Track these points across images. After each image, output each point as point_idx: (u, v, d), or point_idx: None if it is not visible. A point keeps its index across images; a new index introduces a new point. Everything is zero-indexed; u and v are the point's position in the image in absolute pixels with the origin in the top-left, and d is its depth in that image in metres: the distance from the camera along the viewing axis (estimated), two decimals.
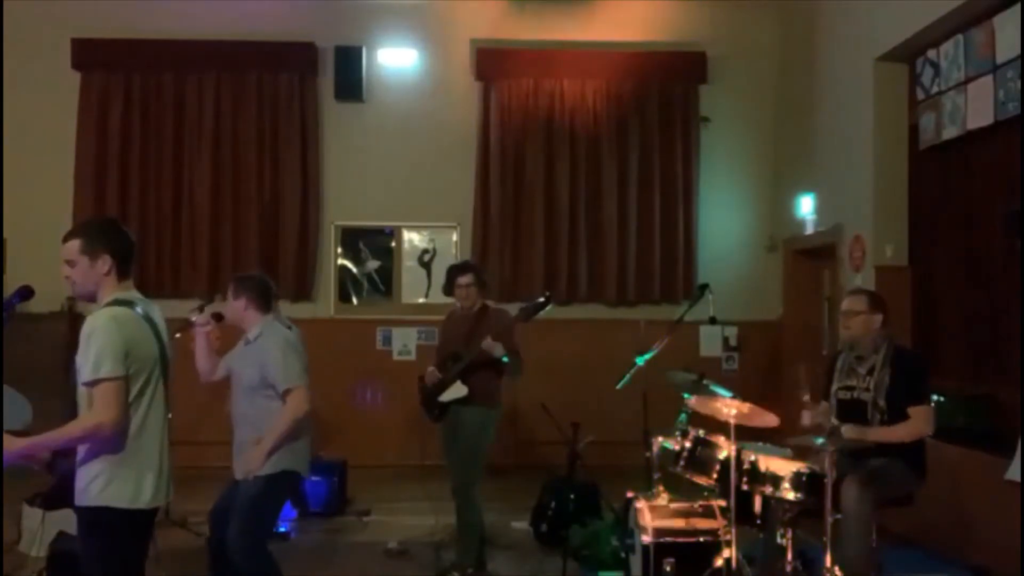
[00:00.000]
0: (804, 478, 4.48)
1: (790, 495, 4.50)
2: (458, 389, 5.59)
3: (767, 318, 9.75)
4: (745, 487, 4.63)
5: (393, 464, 9.10)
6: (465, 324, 5.73)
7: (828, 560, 4.35)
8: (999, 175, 6.47)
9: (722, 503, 4.79)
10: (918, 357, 5.47)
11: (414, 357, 9.39)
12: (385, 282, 9.89)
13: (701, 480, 4.87)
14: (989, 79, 6.38)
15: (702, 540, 4.81)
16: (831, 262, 8.69)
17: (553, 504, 6.50)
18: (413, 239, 9.89)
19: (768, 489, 4.56)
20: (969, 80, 6.62)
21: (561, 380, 8.87)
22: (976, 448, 5.96)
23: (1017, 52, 6.02)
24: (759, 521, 4.71)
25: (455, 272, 5.83)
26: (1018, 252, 5.94)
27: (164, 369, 3.49)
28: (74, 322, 8.71)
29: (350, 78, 9.57)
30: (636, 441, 5.71)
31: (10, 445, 3.21)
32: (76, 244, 3.37)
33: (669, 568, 4.71)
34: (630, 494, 5.17)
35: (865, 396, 4.86)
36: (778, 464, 4.58)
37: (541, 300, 5.56)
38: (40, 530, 5.75)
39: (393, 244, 9.89)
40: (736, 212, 9.92)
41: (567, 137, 9.67)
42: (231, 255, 9.50)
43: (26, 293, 3.89)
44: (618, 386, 5.63)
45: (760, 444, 4.83)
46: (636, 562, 4.93)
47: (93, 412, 3.23)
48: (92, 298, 3.43)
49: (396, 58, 9.73)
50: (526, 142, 9.67)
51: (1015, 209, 6.03)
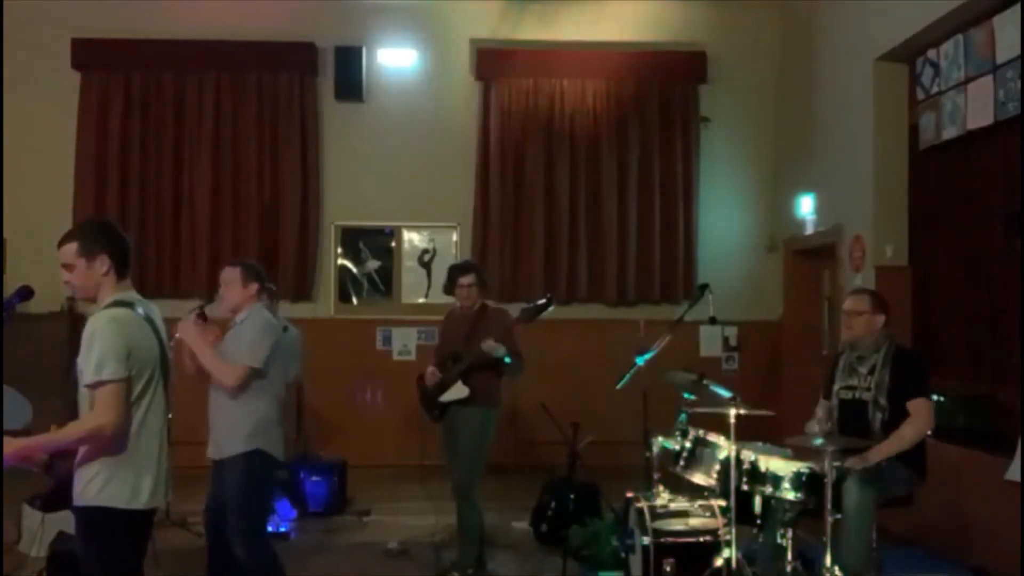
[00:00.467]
0: (804, 478, 4.49)
1: (790, 495, 4.51)
2: (459, 390, 5.58)
3: (767, 318, 9.75)
4: (745, 487, 4.64)
5: (393, 464, 9.10)
6: (465, 324, 5.72)
7: (828, 560, 4.36)
8: (999, 175, 6.47)
9: (722, 503, 4.80)
10: (918, 356, 5.47)
11: (414, 357, 9.39)
12: (385, 282, 9.88)
13: (701, 480, 4.88)
14: (989, 79, 6.38)
15: (702, 540, 4.82)
16: (831, 262, 8.69)
17: (553, 504, 6.50)
18: (413, 239, 9.89)
19: (768, 489, 4.57)
20: (969, 80, 6.62)
21: (561, 380, 8.87)
22: (976, 448, 5.95)
23: (1017, 52, 6.02)
24: (759, 521, 4.71)
25: (457, 272, 5.81)
26: (1018, 252, 5.94)
27: (164, 370, 3.49)
28: (74, 322, 8.72)
29: (350, 78, 9.57)
30: (636, 441, 5.72)
31: (9, 446, 3.21)
32: (73, 247, 3.37)
33: (669, 568, 4.72)
34: (630, 494, 5.18)
35: (866, 396, 4.86)
36: (778, 464, 4.59)
37: (542, 302, 5.54)
38: (40, 530, 5.75)
39: (393, 244, 9.89)
40: (736, 212, 9.92)
41: (567, 137, 9.67)
42: (231, 255, 9.46)
43: (26, 293, 3.89)
44: (618, 386, 5.62)
45: (760, 444, 4.84)
46: (636, 562, 4.94)
47: (94, 414, 3.23)
48: (93, 299, 3.43)
49: (396, 58, 9.73)
50: (526, 142, 9.67)
51: (1015, 209, 6.03)
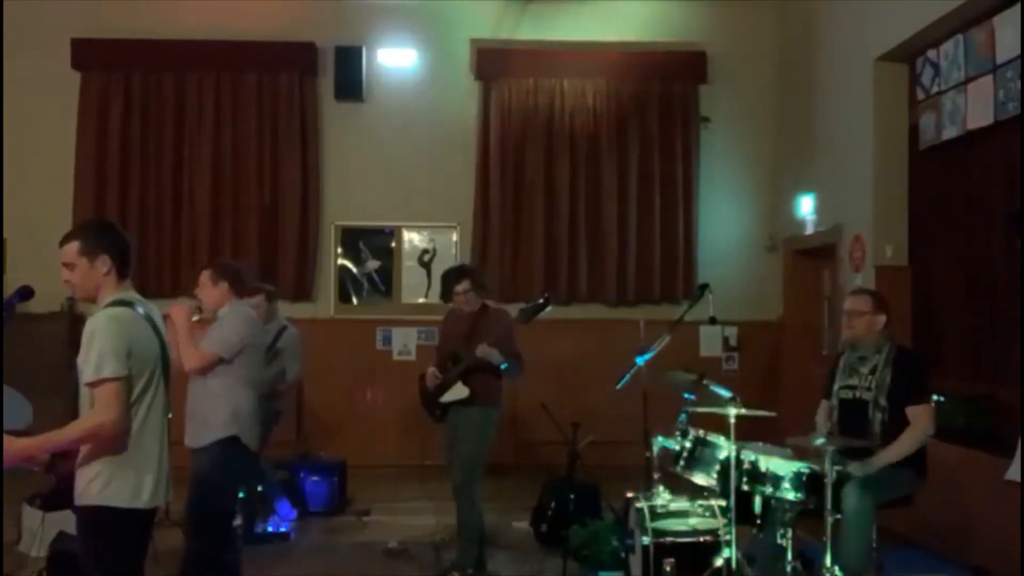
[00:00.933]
0: (804, 478, 4.49)
1: (790, 495, 4.51)
2: (459, 391, 5.59)
3: (767, 318, 9.74)
4: (745, 487, 4.64)
5: (393, 464, 9.09)
6: (465, 324, 5.72)
7: (828, 560, 4.36)
8: (999, 175, 6.47)
9: (722, 503, 4.80)
10: (919, 357, 5.47)
11: (414, 357, 9.38)
12: (385, 282, 9.88)
13: (701, 480, 4.88)
14: (989, 79, 6.38)
15: (702, 540, 4.83)
16: (831, 262, 8.69)
17: (553, 504, 6.50)
18: (413, 239, 9.88)
19: (768, 489, 4.57)
20: (969, 80, 6.62)
21: (561, 380, 8.87)
22: (976, 448, 5.95)
23: (1017, 52, 6.01)
24: (759, 521, 4.71)
25: (450, 280, 5.77)
26: (1018, 252, 5.94)
27: (165, 369, 3.49)
28: (74, 322, 8.71)
29: (350, 78, 9.57)
30: (636, 441, 5.71)
31: (10, 446, 3.21)
32: (75, 246, 3.37)
33: (669, 568, 4.72)
34: (630, 494, 5.18)
35: (866, 396, 4.86)
36: (778, 464, 4.59)
37: (540, 302, 5.54)
38: (40, 530, 5.75)
39: (393, 244, 9.89)
40: (736, 212, 9.92)
41: (567, 137, 9.67)
42: (231, 255, 9.47)
43: (26, 293, 3.89)
44: (618, 386, 5.62)
45: (760, 444, 4.84)
46: (636, 562, 4.94)
47: (94, 412, 3.23)
48: (94, 299, 3.43)
49: (396, 58, 9.72)
50: (526, 142, 9.67)
51: (1015, 209, 6.03)
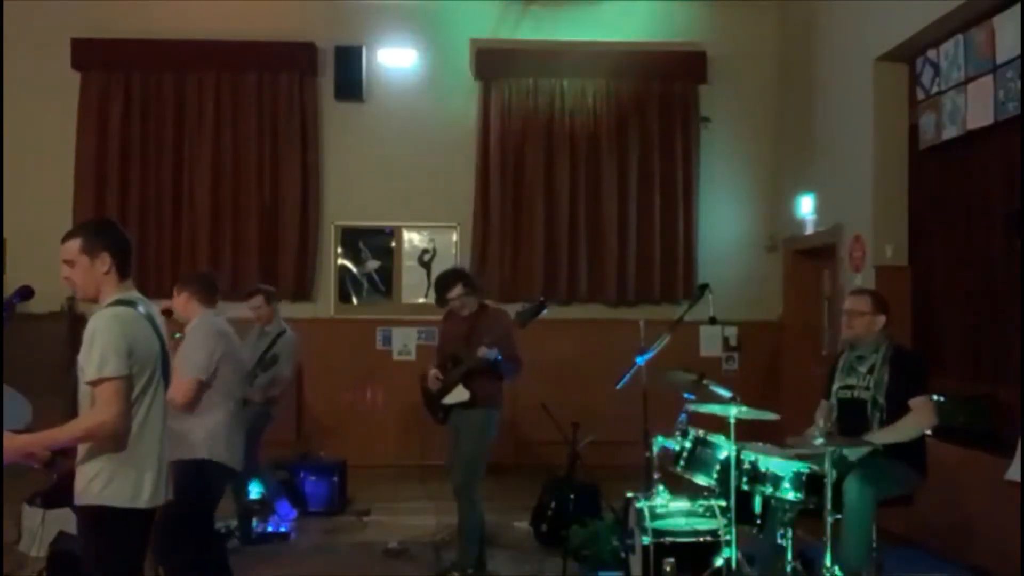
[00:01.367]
0: (804, 478, 4.49)
1: (790, 495, 4.51)
2: (460, 393, 5.59)
3: (767, 318, 9.74)
4: (745, 487, 4.64)
5: (393, 464, 9.09)
6: (464, 325, 5.72)
7: (828, 560, 4.36)
8: (999, 175, 6.47)
9: (722, 503, 4.80)
10: (918, 357, 5.48)
11: (414, 357, 9.38)
12: (385, 282, 9.87)
13: (701, 480, 4.88)
14: (989, 79, 6.38)
15: (702, 540, 4.83)
16: (831, 262, 8.69)
17: (553, 504, 6.50)
18: (413, 239, 9.88)
19: (768, 489, 4.57)
20: (969, 80, 6.62)
21: (561, 380, 8.88)
22: (976, 448, 5.95)
23: (1017, 52, 6.01)
24: (759, 521, 4.71)
25: (442, 288, 5.73)
26: (1018, 252, 5.94)
27: (165, 369, 3.49)
28: (74, 322, 8.71)
29: (350, 78, 9.57)
30: (636, 441, 5.71)
31: (10, 443, 3.22)
32: (76, 243, 3.38)
33: (669, 568, 4.72)
34: (630, 494, 5.18)
35: (865, 395, 4.87)
36: (778, 464, 4.59)
37: (536, 305, 5.54)
38: (40, 530, 5.74)
39: (393, 244, 9.89)
40: (736, 212, 9.92)
41: (567, 137, 9.67)
42: (231, 255, 9.50)
43: (26, 293, 3.90)
44: (618, 386, 5.62)
45: (760, 444, 4.84)
46: (636, 562, 4.94)
47: (95, 411, 3.23)
48: (94, 299, 3.43)
49: (396, 58, 9.72)
50: (526, 142, 9.67)
51: (1015, 209, 6.03)
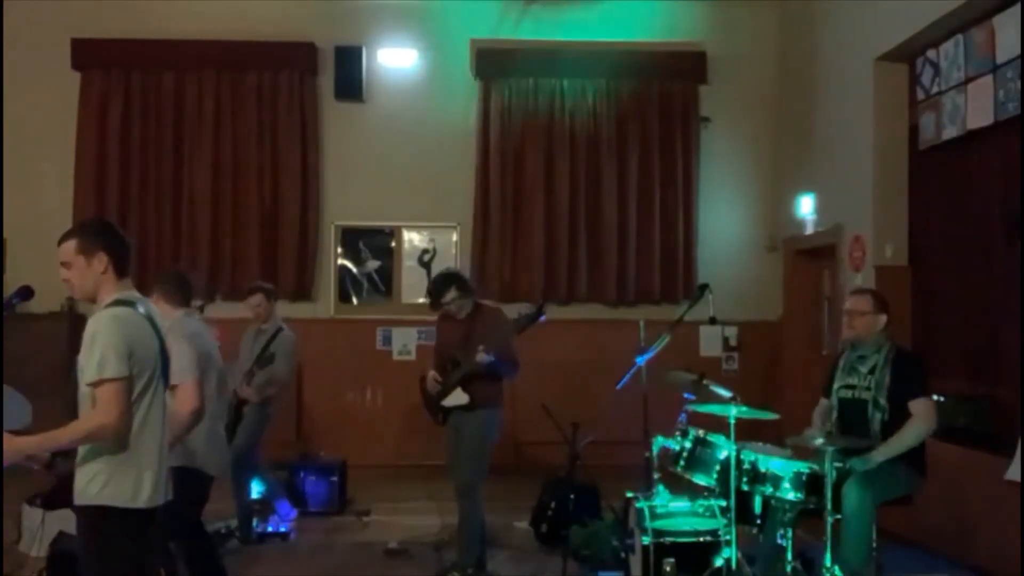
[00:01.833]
0: (804, 478, 4.49)
1: (790, 495, 4.51)
2: (459, 396, 5.60)
3: (767, 318, 9.74)
4: (745, 487, 4.64)
5: (393, 464, 9.10)
6: (461, 326, 5.71)
7: (828, 560, 4.36)
8: (999, 175, 6.47)
9: (722, 503, 4.80)
10: (919, 358, 5.47)
11: (414, 357, 9.39)
12: (385, 282, 9.87)
13: (701, 480, 4.88)
14: (989, 79, 6.38)
15: (702, 540, 4.83)
16: (831, 262, 8.68)
17: (553, 504, 6.50)
18: (413, 239, 9.88)
19: (768, 489, 4.57)
20: (969, 80, 6.62)
21: (561, 380, 8.88)
22: (976, 448, 5.95)
23: (1017, 52, 6.01)
24: (759, 521, 4.71)
25: (436, 293, 5.72)
26: (1018, 252, 5.94)
27: (164, 369, 3.48)
28: (74, 322, 8.71)
29: (350, 78, 9.58)
30: (636, 441, 5.72)
31: (10, 444, 3.21)
32: (72, 244, 3.37)
33: (669, 568, 4.72)
34: (630, 494, 5.18)
35: (866, 395, 4.86)
36: (778, 464, 4.59)
37: (534, 313, 5.51)
38: (40, 530, 5.75)
39: (393, 244, 9.89)
40: (736, 212, 9.92)
41: (567, 137, 9.67)
42: (231, 255, 9.50)
43: (26, 293, 3.90)
44: (618, 386, 5.62)
45: (760, 444, 4.84)
46: (636, 562, 4.94)
47: (96, 412, 3.22)
48: (93, 299, 3.43)
49: (396, 58, 9.73)
50: (526, 142, 9.67)
51: (1015, 209, 6.03)
